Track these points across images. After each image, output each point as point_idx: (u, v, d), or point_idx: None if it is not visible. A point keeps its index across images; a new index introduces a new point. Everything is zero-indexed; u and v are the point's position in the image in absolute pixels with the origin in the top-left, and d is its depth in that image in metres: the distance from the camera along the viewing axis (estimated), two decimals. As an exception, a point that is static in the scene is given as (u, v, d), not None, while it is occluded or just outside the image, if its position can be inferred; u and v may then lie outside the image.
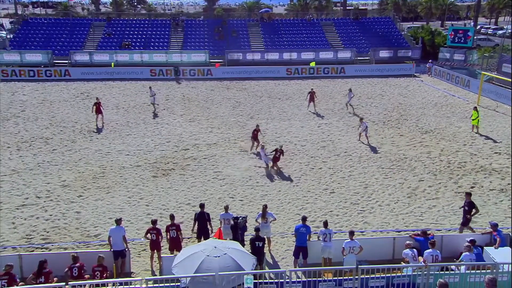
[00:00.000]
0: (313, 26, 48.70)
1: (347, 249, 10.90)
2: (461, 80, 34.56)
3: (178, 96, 31.86)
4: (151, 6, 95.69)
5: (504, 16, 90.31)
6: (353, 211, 15.10)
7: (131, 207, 15.41)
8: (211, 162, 19.44)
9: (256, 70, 39.73)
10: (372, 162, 19.37)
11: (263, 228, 11.95)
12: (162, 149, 21.13)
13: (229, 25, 48.09)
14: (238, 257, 9.30)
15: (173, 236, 11.85)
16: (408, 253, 10.89)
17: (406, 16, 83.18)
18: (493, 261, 10.22)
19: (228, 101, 30.63)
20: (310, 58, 42.21)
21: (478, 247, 11.18)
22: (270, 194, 16.38)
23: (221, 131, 23.90)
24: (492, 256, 10.65)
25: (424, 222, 14.23)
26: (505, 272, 9.59)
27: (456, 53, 41.10)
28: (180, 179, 17.67)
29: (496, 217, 14.29)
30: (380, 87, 34.79)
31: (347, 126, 24.68)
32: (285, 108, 28.60)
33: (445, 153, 20.21)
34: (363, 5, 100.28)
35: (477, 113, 23.34)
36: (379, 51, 43.28)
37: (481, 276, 9.05)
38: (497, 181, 17.19)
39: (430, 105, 28.93)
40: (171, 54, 42.19)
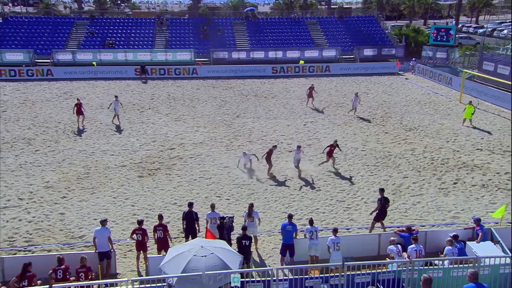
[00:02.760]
0: (298, 24, 48.86)
1: (332, 246, 10.99)
2: (443, 78, 35.10)
3: (163, 96, 31.62)
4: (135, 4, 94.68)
5: (484, 15, 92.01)
6: (339, 208, 15.22)
7: (117, 207, 15.24)
8: (197, 162, 19.36)
9: (242, 69, 39.68)
10: (358, 159, 19.54)
11: (250, 227, 11.95)
12: (148, 148, 20.96)
13: (214, 23, 47.92)
14: (225, 256, 9.28)
15: (160, 236, 11.77)
16: (393, 249, 11.02)
17: (389, 14, 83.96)
18: (475, 255, 10.42)
19: (214, 100, 30.53)
20: (296, 56, 42.41)
21: (461, 241, 11.39)
22: (257, 193, 16.40)
23: (207, 130, 23.81)
24: (474, 250, 10.87)
25: (408, 218, 14.43)
26: (486, 266, 9.78)
27: (438, 51, 41.71)
28: (166, 179, 17.55)
29: (478, 212, 14.57)
30: (365, 85, 35.11)
31: (332, 124, 24.84)
32: (271, 107, 28.64)
33: (429, 150, 20.51)
34: (347, 4, 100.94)
35: (472, 107, 23.77)
36: (364, 50, 43.68)
37: (464, 270, 9.21)
38: (479, 177, 17.53)
39: (413, 103, 29.32)
40: (156, 53, 41.86)
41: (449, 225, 13.90)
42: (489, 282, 9.17)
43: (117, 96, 25.80)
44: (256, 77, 38.38)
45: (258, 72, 39.37)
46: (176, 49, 42.85)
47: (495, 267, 9.85)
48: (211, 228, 12.18)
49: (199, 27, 46.71)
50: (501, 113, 26.58)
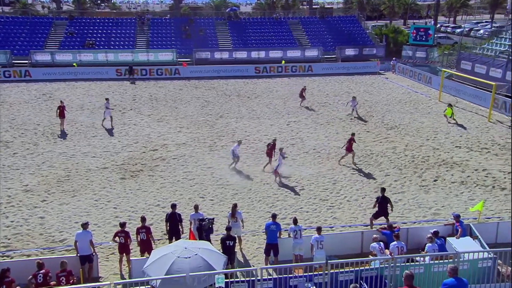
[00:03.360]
0: (280, 24, 49.04)
1: (315, 244, 11.08)
2: (423, 77, 35.72)
3: (145, 96, 31.31)
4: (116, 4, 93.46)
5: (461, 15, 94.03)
6: (322, 207, 15.33)
7: (98, 210, 15.02)
8: (180, 162, 19.23)
9: (225, 69, 39.62)
10: (340, 158, 19.69)
11: (233, 227, 11.94)
12: (130, 150, 20.72)
13: (196, 23, 47.69)
14: (209, 257, 9.25)
15: (143, 238, 11.64)
16: (375, 247, 11.17)
17: (370, 15, 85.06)
18: (455, 250, 10.64)
19: (197, 100, 30.39)
20: (278, 56, 42.57)
21: (441, 238, 11.61)
22: (241, 193, 16.38)
23: (190, 130, 23.68)
24: (454, 246, 11.10)
25: (390, 216, 14.54)
26: (465, 261, 9.99)
27: (418, 50, 42.43)
28: (149, 180, 17.38)
29: (457, 208, 14.87)
30: (347, 85, 35.47)
31: (315, 123, 25.01)
32: (254, 107, 28.66)
33: (410, 148, 20.84)
34: (328, 4, 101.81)
35: (451, 109, 24.61)
36: (345, 49, 44.13)
37: (444, 266, 9.39)
38: (458, 174, 17.90)
39: (394, 102, 29.75)
40: (137, 54, 41.45)
41: (429, 221, 14.15)
42: (468, 276, 9.36)
43: (108, 99, 25.38)
44: (239, 77, 38.35)
45: (241, 72, 39.35)
46: (158, 50, 42.51)
47: (474, 262, 10.07)
48: (194, 229, 12.10)
49: (181, 27, 46.42)
50: (478, 111, 27.19)
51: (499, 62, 32.05)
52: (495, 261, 10.31)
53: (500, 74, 31.38)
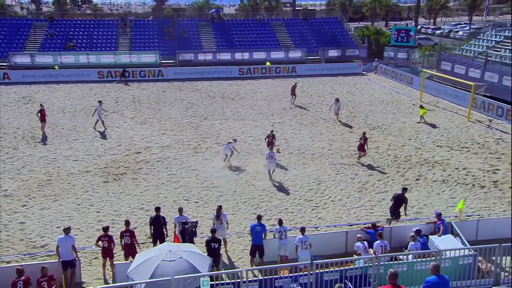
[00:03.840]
0: (263, 26, 49.15)
1: (300, 245, 11.11)
2: (404, 77, 36.26)
3: (128, 99, 30.98)
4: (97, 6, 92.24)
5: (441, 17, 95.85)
6: (307, 207, 15.40)
7: (81, 214, 14.78)
8: (164, 165, 19.08)
9: (208, 71, 39.49)
10: (325, 158, 19.86)
11: (218, 229, 11.89)
12: (113, 153, 20.46)
13: (179, 25, 47.42)
14: (194, 260, 9.19)
15: (127, 242, 11.51)
16: (359, 246, 11.28)
17: (352, 16, 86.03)
18: (437, 248, 10.81)
19: (181, 102, 30.22)
20: (262, 58, 42.64)
21: (423, 236, 11.79)
22: (226, 195, 16.35)
23: (174, 133, 23.53)
24: (436, 244, 11.28)
25: (374, 215, 14.79)
26: (447, 258, 10.17)
27: (399, 51, 43.07)
28: (132, 184, 17.20)
29: (439, 207, 15.13)
30: (330, 86, 35.75)
31: (299, 124, 25.13)
32: (239, 108, 28.65)
33: (392, 148, 21.12)
34: (311, 6, 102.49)
35: (424, 109, 25.24)
36: (328, 51, 44.48)
37: (427, 264, 9.53)
38: (439, 172, 18.21)
39: (377, 102, 30.12)
40: (120, 55, 40.99)
41: (412, 220, 14.36)
42: (450, 273, 9.53)
43: (101, 101, 25.02)
44: (223, 78, 38.28)
45: (225, 74, 39.28)
46: (140, 51, 42.14)
47: (455, 259, 10.26)
48: (179, 232, 12.01)
49: (164, 28, 46.10)
50: (458, 111, 27.74)
51: (478, 63, 32.77)
52: (476, 258, 10.53)
53: (478, 74, 32.09)
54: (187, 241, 11.48)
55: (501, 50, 33.72)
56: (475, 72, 32.60)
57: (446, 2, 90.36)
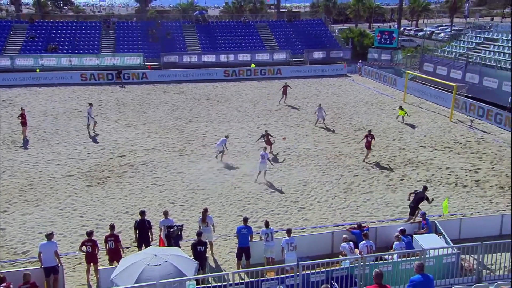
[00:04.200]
0: (248, 28, 49.22)
1: (286, 246, 11.13)
2: (388, 79, 36.73)
3: (112, 101, 30.65)
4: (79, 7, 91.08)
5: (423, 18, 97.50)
6: (293, 209, 15.45)
7: (64, 219, 14.54)
8: (149, 168, 18.92)
9: (193, 73, 39.35)
10: (310, 160, 19.96)
11: (204, 232, 11.83)
12: (96, 156, 20.21)
13: (163, 27, 47.14)
14: (180, 264, 9.13)
15: (112, 247, 11.37)
16: (345, 246, 11.36)
17: (336, 18, 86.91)
18: (421, 247, 10.96)
19: (165, 104, 30.03)
20: (247, 60, 42.69)
21: (408, 236, 11.94)
22: (212, 198, 16.29)
23: (159, 135, 23.36)
24: (421, 243, 11.43)
25: (359, 215, 14.92)
26: (431, 257, 10.32)
27: (383, 53, 43.63)
28: (116, 187, 17.00)
29: (423, 206, 15.28)
30: (315, 87, 35.99)
31: (285, 126, 25.21)
32: (224, 110, 28.61)
33: (377, 148, 21.34)
34: (296, 8, 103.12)
35: (403, 110, 25.69)
36: (313, 52, 44.77)
37: (411, 263, 9.65)
38: (423, 172, 18.48)
39: (361, 103, 30.43)
40: (103, 58, 40.52)
41: (397, 220, 14.53)
42: (434, 272, 9.67)
43: (92, 104, 24.66)
44: (208, 80, 38.20)
45: (210, 76, 39.21)
46: (124, 53, 41.74)
47: (439, 258, 10.42)
48: (164, 236, 11.92)
49: (148, 30, 45.77)
50: (441, 111, 28.20)
51: (459, 64, 33.39)
52: (459, 256, 10.71)
53: (460, 75, 32.69)
54: (173, 245, 11.40)
55: (481, 51, 34.44)
56: (456, 73, 33.21)
57: (428, 4, 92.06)
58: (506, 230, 13.13)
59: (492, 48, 33.96)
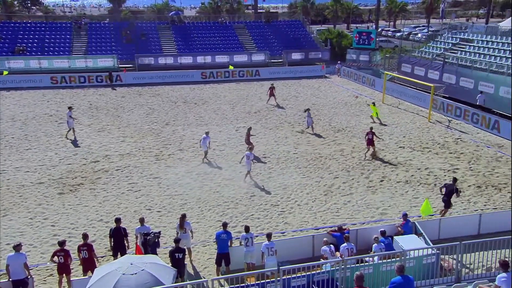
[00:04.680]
0: (226, 29, 49.22)
1: (266, 251, 11.14)
2: (367, 79, 37.35)
3: (84, 105, 30.11)
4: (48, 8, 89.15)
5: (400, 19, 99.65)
6: (273, 213, 15.49)
7: (34, 229, 14.17)
8: (124, 174, 18.66)
9: (170, 75, 39.08)
10: (290, 163, 20.07)
11: (182, 239, 11.71)
12: (69, 162, 19.79)
13: (137, 28, 46.66)
14: (157, 272, 9.02)
15: (85, 256, 11.15)
16: (326, 250, 11.45)
17: (314, 19, 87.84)
18: (401, 249, 11.16)
19: (141, 108, 29.69)
20: (225, 61, 42.68)
21: (388, 237, 12.14)
22: (190, 203, 16.17)
23: (134, 140, 23.07)
24: (401, 244, 11.63)
25: (340, 218, 15.08)
26: (411, 258, 10.52)
27: (361, 54, 44.31)
28: (90, 194, 16.69)
29: (403, 207, 15.64)
30: (294, 89, 36.25)
31: (264, 128, 25.28)
32: (202, 113, 28.49)
33: (357, 150, 21.64)
34: (273, 8, 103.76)
35: (374, 107, 26.46)
36: (292, 54, 45.12)
37: (392, 265, 9.81)
38: (403, 173, 18.84)
39: (340, 105, 30.81)
40: (74, 60, 39.78)
41: (377, 221, 14.75)
42: (414, 273, 9.85)
43: (71, 108, 24.11)
44: (185, 83, 38.01)
45: (187, 78, 39.02)
46: (97, 55, 41.05)
47: (419, 259, 10.63)
48: (141, 244, 11.76)
49: (122, 31, 45.20)
50: (419, 112, 28.83)
51: (436, 65, 34.24)
52: (439, 256, 10.95)
53: (437, 76, 33.52)
54: (150, 253, 11.27)
55: (457, 52, 35.41)
56: (434, 73, 34.04)
57: (405, 5, 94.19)
58: (484, 229, 13.52)
59: (468, 49, 34.96)
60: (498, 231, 13.13)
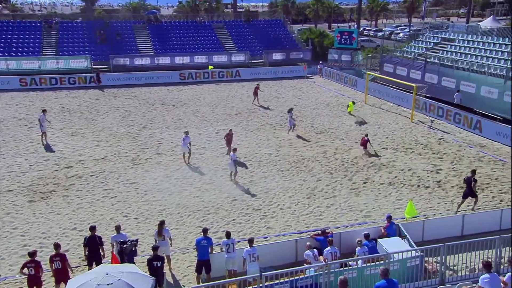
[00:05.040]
0: (204, 28, 49.13)
1: (248, 257, 11.12)
2: (349, 80, 37.80)
3: (56, 108, 29.57)
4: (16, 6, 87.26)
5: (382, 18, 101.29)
6: (255, 217, 15.50)
7: (2, 240, 13.79)
8: (99, 179, 18.38)
9: (146, 76, 38.77)
10: (272, 165, 20.12)
11: (161, 246, 11.62)
12: (40, 169, 19.38)
13: (112, 27, 46.12)
14: (134, 281, 8.89)
15: (58, 267, 10.91)
16: (309, 254, 11.51)
17: (295, 18, 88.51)
18: (385, 252, 11.29)
19: (116, 110, 29.34)
20: (204, 62, 42.61)
21: (372, 240, 12.27)
22: (169, 209, 16.04)
23: (109, 144, 22.76)
24: (385, 247, 11.77)
25: (323, 221, 15.19)
26: (396, 261, 10.66)
27: (343, 54, 44.83)
28: (63, 202, 16.37)
29: (386, 209, 15.86)
30: (276, 90, 36.40)
31: (246, 130, 25.29)
32: (181, 116, 28.33)
33: (339, 152, 21.86)
34: (253, 7, 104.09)
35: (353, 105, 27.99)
36: (272, 54, 45.35)
37: (376, 268, 9.93)
38: (386, 175, 19.11)
39: (323, 106, 31.09)
40: (45, 61, 39.02)
41: (361, 224, 14.91)
42: (398, 276, 9.99)
43: (45, 110, 23.56)
44: (163, 84, 37.75)
45: (165, 79, 38.76)
46: (69, 56, 40.42)
47: (403, 261, 10.79)
48: (117, 252, 11.59)
49: (95, 31, 44.60)
50: (402, 112, 29.32)
51: (418, 64, 34.92)
52: (423, 259, 11.14)
53: (419, 75, 34.18)
54: (127, 262, 11.11)
55: (439, 51, 36.20)
56: (416, 73, 34.70)
57: (387, 4, 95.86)
58: (467, 230, 13.80)
59: (449, 48, 35.77)
60: (481, 231, 13.46)
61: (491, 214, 14.42)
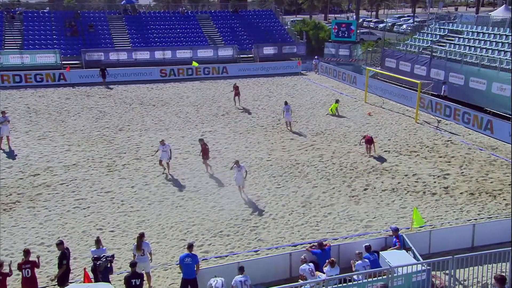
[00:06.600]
0: (188, 20, 49.15)
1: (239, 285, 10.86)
2: (347, 76, 38.05)
3: (20, 109, 29.34)
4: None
5: (383, 9, 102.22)
6: (245, 228, 15.49)
7: (-40, 257, 13.61)
8: (70, 188, 18.26)
9: (123, 73, 38.73)
10: (263, 171, 20.15)
11: (140, 262, 11.57)
12: (1, 177, 19.20)
13: (84, 18, 45.96)
14: (110, 302, 8.85)
15: (27, 275, 11.03)
16: (305, 269, 11.52)
17: (288, 9, 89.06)
18: (388, 265, 11.35)
19: (90, 111, 29.20)
20: (187, 57, 42.63)
21: (374, 252, 12.32)
22: (148, 220, 15.97)
23: (82, 148, 22.64)
24: (388, 260, 11.83)
25: (320, 232, 15.23)
26: (400, 275, 10.71)
27: (341, 48, 45.16)
28: (28, 214, 16.22)
29: (389, 218, 15.96)
30: (267, 87, 36.51)
31: (234, 133, 25.31)
32: (162, 116, 28.28)
33: (337, 155, 21.97)
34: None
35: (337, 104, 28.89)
36: (263, 48, 45.51)
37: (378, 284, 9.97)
38: (388, 180, 19.24)
39: (319, 105, 31.24)
40: (7, 56, 38.73)
41: (361, 235, 14.98)
42: (403, 292, 10.05)
43: (5, 112, 23.36)
44: (142, 81, 37.72)
45: (144, 76, 38.73)
46: (35, 50, 40.17)
47: (408, 276, 10.85)
48: (90, 270, 11.52)
49: (65, 22, 44.41)
50: (405, 111, 29.58)
51: (423, 59, 35.27)
52: (429, 272, 11.21)
53: (424, 71, 34.53)
54: (101, 280, 11.05)
55: (446, 44, 36.61)
56: (420, 69, 35.05)
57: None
58: (478, 241, 13.94)
59: (457, 41, 36.17)
60: (493, 242, 13.58)
61: (504, 223, 14.53)
